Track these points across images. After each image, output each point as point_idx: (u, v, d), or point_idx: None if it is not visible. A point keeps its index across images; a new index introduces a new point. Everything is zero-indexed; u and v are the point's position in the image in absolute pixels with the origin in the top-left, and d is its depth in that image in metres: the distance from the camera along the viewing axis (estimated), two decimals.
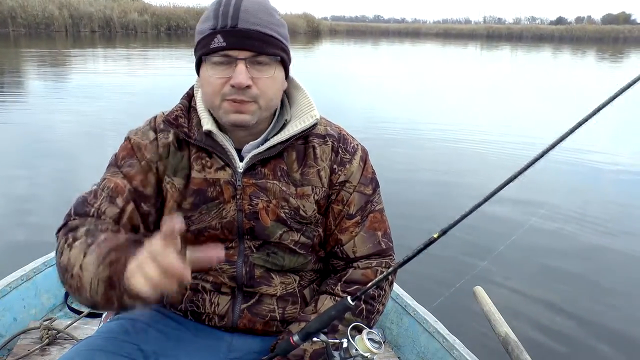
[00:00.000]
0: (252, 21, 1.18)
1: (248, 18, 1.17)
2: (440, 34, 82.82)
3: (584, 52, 39.93)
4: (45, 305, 2.40)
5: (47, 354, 2.10)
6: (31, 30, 37.33)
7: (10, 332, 2.19)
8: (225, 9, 1.18)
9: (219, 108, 1.24)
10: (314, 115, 1.33)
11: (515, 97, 14.18)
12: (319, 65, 22.19)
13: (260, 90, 1.21)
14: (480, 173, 6.58)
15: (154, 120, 1.38)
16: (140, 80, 14.16)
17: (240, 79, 1.17)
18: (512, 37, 71.38)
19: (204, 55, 1.21)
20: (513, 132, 9.06)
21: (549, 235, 4.70)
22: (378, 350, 1.06)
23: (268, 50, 1.20)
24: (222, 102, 1.22)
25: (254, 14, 1.18)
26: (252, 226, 1.31)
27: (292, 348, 1.14)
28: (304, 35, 55.07)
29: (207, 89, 1.24)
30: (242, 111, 1.22)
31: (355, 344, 1.07)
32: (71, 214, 1.27)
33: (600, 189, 6.35)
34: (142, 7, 46.09)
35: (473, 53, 38.24)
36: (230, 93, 1.20)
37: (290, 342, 1.13)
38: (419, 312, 2.26)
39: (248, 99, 1.20)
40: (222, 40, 1.17)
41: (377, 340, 1.07)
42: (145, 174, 1.30)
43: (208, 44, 1.19)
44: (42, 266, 2.42)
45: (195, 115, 1.34)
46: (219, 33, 1.17)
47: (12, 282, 2.26)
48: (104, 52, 24.72)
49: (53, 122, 8.65)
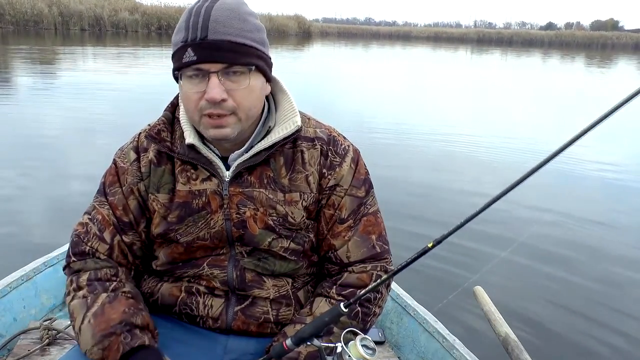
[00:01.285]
0: (223, 31, 1.14)
1: (218, 28, 1.14)
2: (431, 37, 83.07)
3: (573, 58, 40.27)
4: (45, 305, 2.39)
5: (47, 354, 2.09)
6: (19, 27, 37.06)
7: (10, 332, 2.17)
8: (195, 19, 1.15)
9: (199, 124, 1.22)
10: (295, 122, 1.30)
11: (505, 101, 14.26)
12: (308, 66, 22.19)
13: (236, 102, 1.18)
14: (470, 176, 6.62)
15: (137, 137, 1.37)
16: (129, 78, 14.15)
17: (212, 94, 1.14)
18: (503, 42, 71.77)
19: (177, 70, 1.20)
20: (504, 136, 9.12)
21: (549, 236, 4.71)
22: (371, 357, 1.04)
23: (241, 60, 1.16)
24: (201, 118, 1.20)
25: (224, 23, 1.14)
26: (242, 234, 1.31)
27: (285, 352, 1.14)
28: (295, 37, 55.03)
29: (186, 104, 1.23)
30: (221, 125, 1.19)
31: (348, 350, 1.05)
32: (70, 255, 1.34)
33: (600, 194, 6.38)
34: (132, 6, 45.81)
35: (463, 57, 38.40)
36: (207, 107, 1.17)
37: (284, 346, 1.13)
38: (419, 312, 2.26)
39: (225, 112, 1.18)
40: (193, 54, 1.14)
41: (370, 346, 1.06)
42: (127, 200, 1.33)
43: (180, 58, 1.16)
44: (42, 266, 2.40)
45: (179, 127, 1.33)
46: (190, 46, 1.14)
47: (12, 282, 2.25)
48: (94, 50, 24.59)
49: (43, 118, 8.60)
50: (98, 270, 1.30)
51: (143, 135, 1.36)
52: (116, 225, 1.32)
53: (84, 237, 1.33)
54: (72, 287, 1.29)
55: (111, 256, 1.32)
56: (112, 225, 1.32)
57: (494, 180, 6.24)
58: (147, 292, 1.40)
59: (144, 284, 1.42)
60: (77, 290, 1.28)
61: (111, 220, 1.32)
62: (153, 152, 1.33)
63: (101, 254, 1.32)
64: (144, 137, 1.35)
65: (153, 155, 1.33)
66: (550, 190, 6.07)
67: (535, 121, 11.12)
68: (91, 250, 1.32)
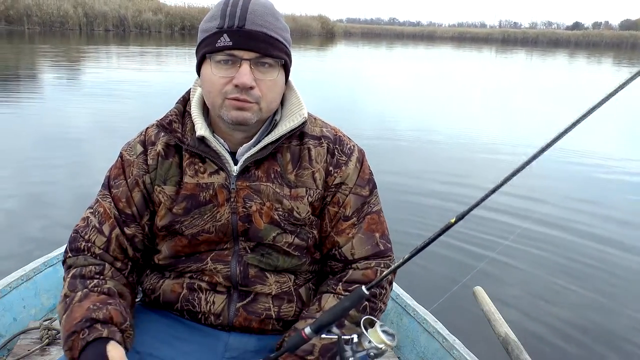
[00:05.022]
0: (259, 23, 1.19)
1: (255, 20, 1.18)
2: (455, 37, 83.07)
3: (599, 59, 39.63)
4: (45, 305, 2.39)
5: (47, 354, 2.10)
6: (45, 28, 38.05)
7: (10, 332, 2.19)
8: (233, 9, 1.19)
9: (220, 107, 1.24)
10: (302, 114, 1.33)
11: (528, 102, 14.10)
12: (329, 65, 22.28)
13: (262, 92, 1.22)
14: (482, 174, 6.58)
15: (145, 132, 1.40)
16: (153, 77, 14.39)
17: (244, 80, 1.18)
18: (528, 42, 71.34)
19: (209, 54, 1.21)
20: (523, 135, 9.00)
21: (549, 236, 4.70)
22: (392, 342, 1.04)
23: (273, 52, 1.21)
24: (223, 101, 1.22)
25: (260, 16, 1.19)
26: (247, 228, 1.32)
27: (304, 341, 1.11)
28: (318, 37, 55.26)
29: (209, 87, 1.24)
30: (244, 108, 1.22)
31: (369, 336, 1.05)
32: (67, 250, 1.36)
33: (603, 191, 6.34)
34: (156, 6, 46.53)
35: (488, 57, 38.17)
36: (232, 92, 1.20)
37: (302, 335, 1.10)
38: (419, 312, 2.27)
39: (250, 100, 1.21)
40: (229, 40, 1.17)
41: (390, 332, 1.06)
42: (131, 192, 1.35)
43: (213, 43, 1.19)
44: (42, 266, 2.41)
45: (189, 120, 1.35)
46: (226, 32, 1.18)
47: (12, 282, 2.26)
48: (118, 49, 25.01)
49: (67, 115, 8.78)
50: (84, 267, 1.30)
51: (151, 129, 1.39)
52: (117, 217, 1.33)
53: (82, 232, 1.34)
54: (64, 281, 1.31)
55: (108, 249, 1.33)
56: (112, 217, 1.33)
57: None
58: (149, 288, 1.40)
59: (145, 280, 1.42)
60: (64, 289, 1.28)
61: (112, 213, 1.33)
62: (161, 145, 1.35)
63: (97, 248, 1.32)
64: (153, 130, 1.38)
65: (161, 148, 1.34)
66: (550, 189, 6.07)
67: (554, 123, 10.99)
68: (86, 245, 1.32)
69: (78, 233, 1.35)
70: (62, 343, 1.19)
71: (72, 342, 1.15)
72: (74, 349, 1.15)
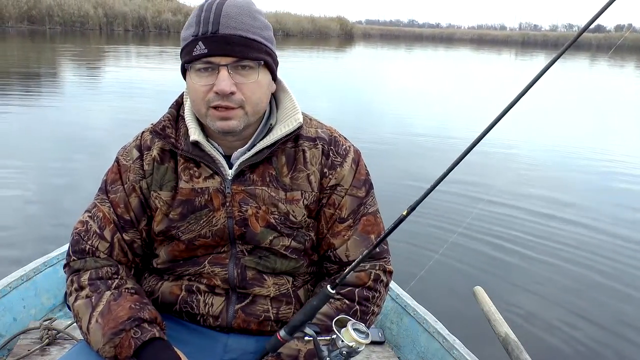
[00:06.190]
0: (234, 26, 1.17)
1: (229, 23, 1.17)
2: (475, 39, 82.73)
3: (622, 64, 39.13)
4: (45, 305, 2.38)
5: (47, 354, 2.09)
6: (66, 28, 38.75)
7: (10, 332, 2.18)
8: (207, 14, 1.18)
9: (205, 116, 1.24)
10: (297, 119, 1.32)
11: (546, 104, 13.97)
12: (347, 66, 22.31)
13: (245, 96, 1.21)
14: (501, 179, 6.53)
15: (140, 137, 1.39)
16: (171, 76, 14.44)
17: (222, 86, 1.17)
18: (548, 45, 70.67)
19: (187, 63, 1.21)
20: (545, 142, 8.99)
21: (549, 235, 4.69)
22: (364, 340, 1.05)
23: (251, 54, 1.20)
24: (208, 110, 1.22)
25: (235, 19, 1.18)
26: (243, 232, 1.32)
27: (280, 344, 1.13)
28: (337, 39, 55.29)
29: (193, 97, 1.24)
30: (228, 117, 1.21)
31: (341, 336, 1.06)
32: (70, 253, 1.35)
33: (611, 191, 6.33)
34: (176, 7, 47.01)
35: (507, 60, 37.92)
36: (215, 100, 1.19)
37: (277, 337, 1.12)
38: (419, 312, 2.26)
39: (233, 105, 1.20)
40: (204, 47, 1.17)
41: (363, 330, 1.06)
42: (129, 198, 1.34)
43: (191, 52, 1.19)
44: (42, 266, 2.40)
45: (183, 125, 1.35)
46: (201, 40, 1.17)
47: (12, 282, 2.26)
48: (137, 49, 25.24)
49: (88, 114, 8.95)
50: (99, 269, 1.31)
51: (146, 134, 1.38)
52: (117, 223, 1.33)
53: (84, 236, 1.33)
54: (73, 287, 1.30)
55: (111, 254, 1.33)
56: (112, 223, 1.33)
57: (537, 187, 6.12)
58: (148, 290, 1.40)
59: (144, 283, 1.42)
60: (79, 290, 1.29)
61: (112, 218, 1.33)
62: (156, 150, 1.34)
63: (101, 252, 1.32)
64: (148, 135, 1.37)
65: (156, 153, 1.34)
66: (549, 188, 6.06)
67: (569, 127, 10.90)
68: (91, 248, 1.32)
69: (80, 236, 1.34)
70: (96, 340, 1.21)
71: (120, 340, 1.19)
72: (124, 347, 1.18)
